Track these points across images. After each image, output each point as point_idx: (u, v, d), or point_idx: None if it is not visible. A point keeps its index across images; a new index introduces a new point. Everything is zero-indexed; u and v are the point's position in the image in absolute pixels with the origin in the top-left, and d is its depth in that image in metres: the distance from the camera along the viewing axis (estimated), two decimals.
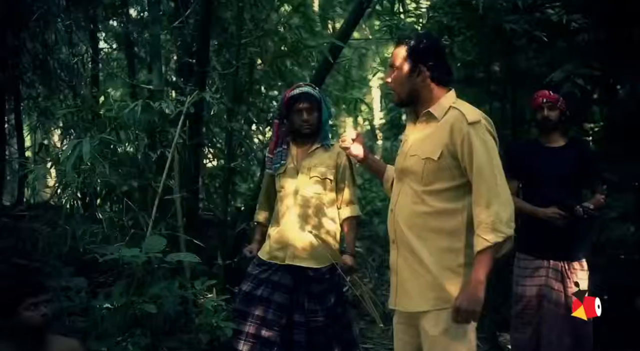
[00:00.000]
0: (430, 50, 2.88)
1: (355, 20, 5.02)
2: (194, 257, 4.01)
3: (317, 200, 4.26)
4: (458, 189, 2.79)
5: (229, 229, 5.25)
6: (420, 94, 2.89)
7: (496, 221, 2.62)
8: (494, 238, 2.61)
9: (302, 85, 4.42)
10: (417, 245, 2.81)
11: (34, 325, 3.23)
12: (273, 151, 4.40)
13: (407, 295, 2.86)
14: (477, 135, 2.71)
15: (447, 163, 2.77)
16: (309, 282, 4.25)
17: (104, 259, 3.73)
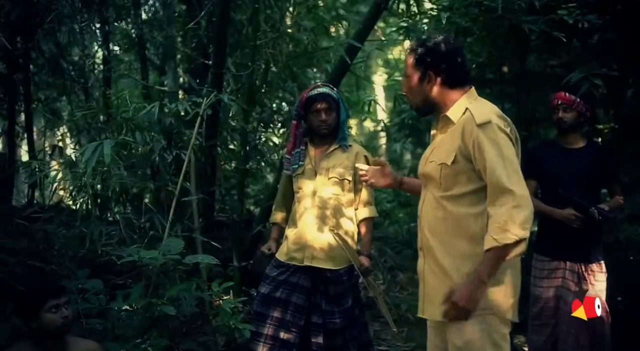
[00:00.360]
0: (438, 54, 2.82)
1: (372, 21, 5.00)
2: (212, 258, 4.00)
3: (336, 201, 4.26)
4: (476, 193, 2.70)
5: (244, 231, 5.24)
6: (435, 100, 2.84)
7: (509, 221, 2.50)
8: (503, 238, 2.49)
9: (320, 86, 4.41)
10: (439, 252, 2.75)
11: (55, 327, 3.25)
12: (291, 152, 4.40)
13: (432, 303, 2.79)
14: (487, 135, 2.63)
15: (462, 167, 2.71)
16: (326, 283, 4.24)
17: (122, 261, 3.71)
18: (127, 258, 3.69)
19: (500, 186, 2.56)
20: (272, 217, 4.59)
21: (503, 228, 2.50)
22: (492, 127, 2.64)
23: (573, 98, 4.27)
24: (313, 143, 4.40)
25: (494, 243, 2.51)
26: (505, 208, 2.52)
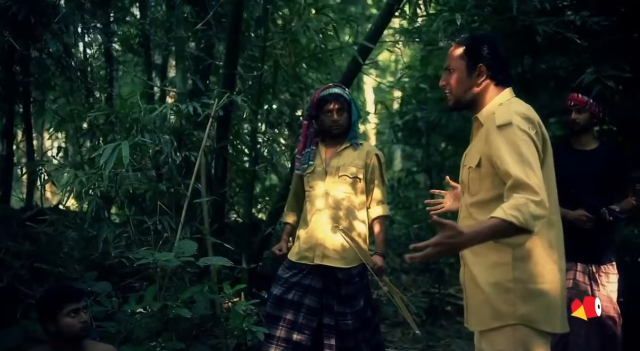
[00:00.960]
0: (489, 48, 2.73)
1: (385, 22, 4.99)
2: (225, 260, 3.97)
3: (348, 202, 4.24)
4: (501, 199, 2.48)
5: (252, 233, 5.21)
6: (478, 96, 2.72)
7: (523, 207, 2.29)
8: (510, 217, 2.26)
9: (331, 86, 4.40)
10: (471, 261, 2.67)
11: (74, 332, 3.22)
12: (301, 152, 4.38)
13: (469, 312, 2.73)
14: (505, 137, 2.49)
15: (486, 171, 2.59)
16: (338, 284, 4.23)
17: (137, 264, 3.68)
18: (141, 261, 3.65)
19: (518, 182, 2.37)
20: (284, 217, 4.57)
21: (517, 208, 2.29)
22: (512, 128, 2.50)
23: (586, 99, 4.26)
24: (324, 143, 4.39)
25: (501, 214, 2.29)
26: (524, 198, 2.33)
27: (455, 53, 2.76)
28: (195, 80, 5.11)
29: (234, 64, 4.54)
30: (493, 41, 2.79)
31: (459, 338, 6.02)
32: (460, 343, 5.87)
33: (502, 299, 2.55)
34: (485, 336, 2.62)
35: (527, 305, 2.54)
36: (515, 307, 2.54)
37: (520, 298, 2.54)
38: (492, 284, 2.57)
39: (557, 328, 2.59)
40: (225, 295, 4.17)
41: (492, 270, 2.59)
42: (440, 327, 6.33)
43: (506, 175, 2.42)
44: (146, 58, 5.98)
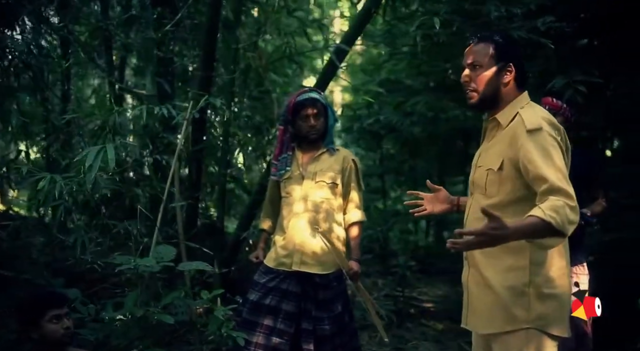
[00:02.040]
0: (516, 49, 2.73)
1: (362, 25, 4.99)
2: (205, 265, 3.91)
3: (327, 205, 4.23)
4: (521, 202, 2.55)
5: (224, 237, 5.15)
6: (502, 96, 2.68)
7: (561, 210, 2.28)
8: (550, 217, 2.24)
9: (307, 90, 4.38)
10: (483, 263, 2.65)
11: (57, 338, 3.13)
12: (278, 157, 4.35)
13: (476, 315, 2.70)
14: (537, 142, 2.49)
15: (508, 174, 2.57)
16: (316, 289, 4.21)
17: (118, 269, 3.59)
18: (123, 267, 3.56)
19: (554, 186, 2.36)
20: (260, 223, 4.53)
21: (556, 210, 2.27)
22: (543, 134, 2.51)
23: (560, 103, 4.33)
24: (300, 149, 4.36)
25: (540, 214, 2.26)
26: (561, 202, 2.31)
27: (484, 50, 2.68)
28: (162, 82, 5.00)
29: (211, 66, 4.48)
30: (517, 42, 2.78)
31: (425, 340, 6.08)
32: (427, 345, 5.92)
33: (518, 303, 2.56)
34: (497, 339, 2.62)
35: (541, 309, 2.55)
36: (529, 311, 2.55)
37: (534, 302, 2.56)
38: (507, 287, 2.58)
39: (565, 332, 2.60)
40: (203, 300, 4.10)
41: (507, 274, 2.59)
42: (407, 330, 6.37)
43: (539, 179, 2.41)
44: (107, 59, 5.83)
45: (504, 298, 2.58)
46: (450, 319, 6.76)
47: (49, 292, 3.32)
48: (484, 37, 2.74)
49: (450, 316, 6.86)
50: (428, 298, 7.75)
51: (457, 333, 6.30)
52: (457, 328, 6.45)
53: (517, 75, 2.70)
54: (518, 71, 2.70)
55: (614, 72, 4.93)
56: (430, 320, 6.79)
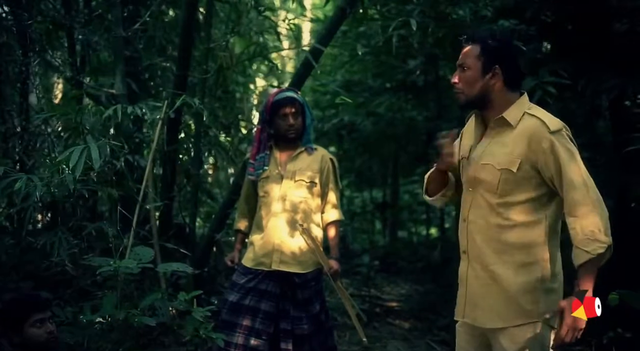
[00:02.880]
0: (505, 50, 2.72)
1: (336, 26, 5.00)
2: (186, 267, 3.87)
3: (305, 206, 4.23)
4: (537, 200, 2.62)
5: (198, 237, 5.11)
6: (491, 97, 2.70)
7: (596, 231, 2.46)
8: (595, 249, 2.44)
9: (284, 90, 4.41)
10: (492, 259, 2.66)
11: (40, 343, 3.06)
12: (255, 157, 4.33)
13: (478, 309, 2.72)
14: (562, 143, 2.56)
15: (525, 174, 2.60)
16: (294, 289, 4.21)
17: (100, 272, 3.52)
18: (104, 269, 3.50)
19: (581, 196, 2.50)
20: (236, 224, 4.50)
21: (592, 238, 2.46)
22: (564, 135, 2.59)
23: None
24: (278, 148, 4.35)
25: (588, 256, 2.46)
26: (589, 219, 2.48)
27: (471, 52, 2.71)
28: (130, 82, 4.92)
29: (186, 65, 4.43)
30: (509, 43, 2.80)
31: (394, 338, 6.13)
32: (395, 343, 5.97)
33: (528, 298, 2.62)
34: (504, 333, 2.65)
35: (547, 303, 2.63)
36: (538, 305, 2.62)
37: (543, 297, 2.63)
38: (519, 283, 2.62)
39: (556, 324, 2.64)
40: (181, 302, 4.05)
41: (519, 270, 2.63)
42: (374, 329, 6.41)
43: (569, 185, 2.52)
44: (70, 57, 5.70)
45: (515, 293, 2.62)
46: (416, 317, 6.85)
47: (32, 295, 3.23)
48: (473, 38, 2.75)
49: (415, 314, 6.95)
50: (392, 297, 7.82)
51: (424, 331, 6.39)
52: (423, 326, 6.57)
53: (506, 76, 2.70)
54: (508, 72, 2.70)
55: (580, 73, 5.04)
56: (396, 318, 6.85)
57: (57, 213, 4.10)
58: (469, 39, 2.77)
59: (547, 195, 2.63)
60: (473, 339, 2.84)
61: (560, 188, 2.56)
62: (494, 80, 2.69)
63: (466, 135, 2.93)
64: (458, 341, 2.92)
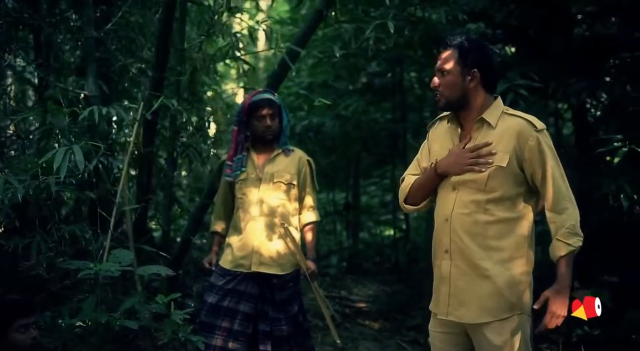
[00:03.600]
0: (482, 54, 2.85)
1: (312, 28, 5.02)
2: (166, 269, 3.85)
3: (283, 209, 4.25)
4: (519, 196, 2.77)
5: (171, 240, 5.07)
6: (469, 100, 2.83)
7: (575, 225, 2.68)
8: (576, 242, 2.66)
9: (261, 92, 4.42)
10: (479, 255, 2.74)
11: (23, 349, 3.01)
12: (232, 158, 4.33)
13: (464, 306, 2.78)
14: (546, 142, 2.74)
15: (512, 170, 2.73)
16: (272, 290, 4.23)
17: (81, 275, 3.48)
18: (85, 272, 3.46)
19: (562, 191, 2.70)
20: (212, 226, 4.48)
21: (572, 231, 2.67)
22: (547, 134, 2.78)
23: None
24: (255, 150, 4.36)
25: (569, 248, 2.66)
26: (567, 213, 2.69)
27: (450, 56, 2.83)
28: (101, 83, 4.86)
29: (163, 67, 4.39)
30: (485, 47, 2.94)
31: (365, 339, 6.16)
32: (366, 344, 6.01)
33: (514, 291, 2.75)
34: (490, 327, 2.75)
35: (528, 295, 2.79)
36: (522, 298, 2.76)
37: (526, 290, 2.77)
38: (506, 277, 2.74)
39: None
40: (159, 305, 4.02)
41: (506, 264, 2.75)
42: (345, 330, 6.42)
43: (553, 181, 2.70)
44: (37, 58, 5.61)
45: (502, 287, 2.73)
46: (384, 318, 6.90)
47: (17, 300, 3.17)
48: (451, 43, 2.88)
49: (384, 315, 7.00)
50: (360, 298, 7.85)
51: (393, 331, 6.44)
52: (392, 326, 6.62)
53: (483, 79, 2.84)
54: (484, 75, 2.84)
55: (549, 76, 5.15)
56: (365, 319, 6.88)
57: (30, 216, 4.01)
58: (447, 44, 2.89)
59: (528, 191, 2.79)
60: (451, 337, 2.92)
61: (541, 184, 2.73)
62: (473, 83, 2.83)
63: (437, 140, 3.04)
64: (433, 341, 3.00)
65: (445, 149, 2.94)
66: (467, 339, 2.89)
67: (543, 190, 2.73)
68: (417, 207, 3.09)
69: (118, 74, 5.20)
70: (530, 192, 2.80)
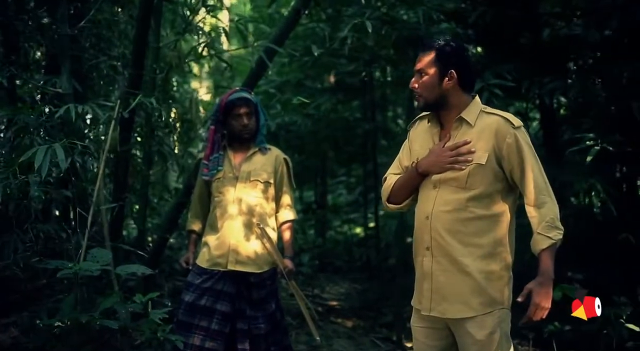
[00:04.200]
0: (459, 55, 2.91)
1: (290, 26, 5.02)
2: (145, 268, 3.83)
3: (260, 209, 4.26)
4: (499, 193, 2.83)
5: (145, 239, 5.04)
6: (448, 100, 2.88)
7: (555, 219, 2.73)
8: (556, 235, 2.71)
9: (238, 90, 4.42)
10: (460, 252, 2.79)
11: (4, 347, 2.98)
12: (209, 157, 4.32)
13: (447, 301, 2.83)
14: (523, 139, 2.80)
15: (491, 167, 2.79)
16: (250, 288, 4.24)
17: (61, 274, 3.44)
18: (65, 272, 3.43)
19: (541, 186, 2.76)
20: (189, 225, 4.46)
21: (552, 225, 2.72)
22: (524, 131, 2.84)
23: None
24: (232, 149, 4.36)
25: (550, 242, 2.71)
26: (547, 207, 2.74)
27: (427, 57, 2.88)
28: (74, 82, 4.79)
29: (141, 64, 4.36)
30: (462, 48, 2.99)
31: (338, 337, 6.19)
32: (341, 342, 6.05)
33: (495, 286, 2.81)
34: (473, 321, 2.80)
35: (509, 290, 2.85)
36: (503, 293, 2.82)
37: (507, 284, 2.84)
38: (487, 272, 2.79)
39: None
40: (136, 305, 4.00)
41: (486, 260, 2.80)
42: (319, 328, 6.43)
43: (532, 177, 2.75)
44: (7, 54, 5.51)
45: (483, 282, 2.79)
46: (357, 316, 6.94)
47: None
48: (428, 45, 2.95)
49: (356, 313, 7.04)
50: (332, 296, 7.89)
51: (366, 329, 6.48)
52: (365, 324, 6.66)
53: (461, 80, 2.89)
54: (462, 76, 2.89)
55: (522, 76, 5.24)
56: (338, 317, 6.91)
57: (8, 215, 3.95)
58: (426, 46, 2.95)
59: (507, 188, 2.85)
60: (433, 332, 2.96)
61: (520, 179, 2.79)
62: (451, 83, 2.88)
63: (417, 139, 3.09)
64: (416, 336, 3.04)
65: (426, 148, 2.99)
66: (449, 333, 2.94)
67: (522, 186, 2.80)
68: (399, 206, 3.12)
69: (91, 71, 5.13)
70: (509, 188, 2.86)
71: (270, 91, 8.35)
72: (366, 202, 9.60)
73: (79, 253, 3.83)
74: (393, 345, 5.94)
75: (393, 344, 5.95)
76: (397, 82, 7.45)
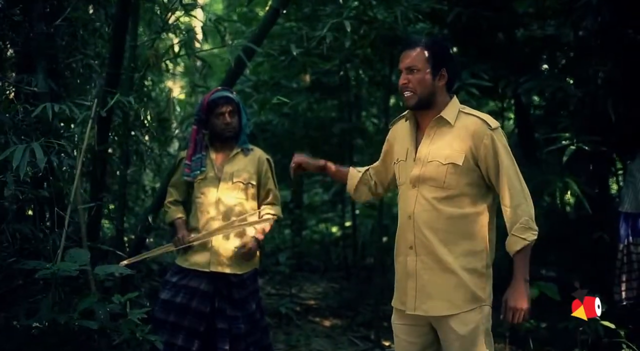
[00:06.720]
0: (448, 55, 2.97)
1: (269, 25, 5.01)
2: (125, 269, 3.80)
3: (240, 208, 4.25)
4: (478, 193, 2.87)
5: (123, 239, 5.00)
6: (436, 99, 2.90)
7: (529, 220, 2.77)
8: (530, 236, 2.76)
9: (220, 89, 4.41)
10: (441, 250, 2.83)
11: None
12: (191, 157, 4.30)
13: (431, 299, 2.86)
14: (500, 140, 2.83)
15: (468, 167, 2.83)
16: (230, 288, 4.24)
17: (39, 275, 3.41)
18: (42, 272, 3.39)
19: (516, 188, 2.79)
20: (173, 214, 4.36)
21: (526, 226, 2.77)
22: (501, 132, 2.88)
23: None
24: (214, 148, 4.35)
25: (524, 243, 2.76)
26: (522, 208, 2.78)
27: (420, 55, 2.88)
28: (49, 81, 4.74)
29: (119, 63, 4.33)
30: (449, 48, 3.05)
31: (317, 336, 6.19)
32: (319, 341, 6.04)
33: (477, 283, 2.85)
34: (454, 318, 2.84)
35: (490, 287, 2.90)
36: (485, 290, 2.88)
37: (488, 281, 2.89)
38: (469, 270, 2.84)
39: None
40: (115, 304, 3.96)
41: (468, 258, 2.85)
42: (297, 327, 6.46)
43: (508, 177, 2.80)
44: None
45: (465, 280, 2.83)
46: (335, 315, 6.94)
47: None
48: (419, 42, 2.95)
49: (334, 312, 7.04)
50: (310, 296, 7.88)
51: (344, 328, 6.48)
52: (343, 323, 6.67)
53: (449, 78, 2.94)
54: (450, 74, 2.94)
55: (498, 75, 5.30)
56: (316, 316, 6.91)
57: None
58: (412, 43, 2.96)
59: (486, 187, 2.90)
60: (415, 329, 3.00)
61: (496, 180, 2.83)
62: (441, 82, 2.92)
63: (398, 140, 3.13)
64: (397, 334, 3.07)
65: (404, 148, 3.03)
66: (430, 330, 2.98)
67: (498, 187, 2.84)
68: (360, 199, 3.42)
69: (67, 70, 5.08)
70: (488, 188, 2.91)
71: (246, 90, 8.30)
72: (343, 201, 9.61)
73: (57, 254, 3.79)
74: (371, 343, 5.95)
75: (371, 343, 5.96)
76: (371, 81, 7.45)
